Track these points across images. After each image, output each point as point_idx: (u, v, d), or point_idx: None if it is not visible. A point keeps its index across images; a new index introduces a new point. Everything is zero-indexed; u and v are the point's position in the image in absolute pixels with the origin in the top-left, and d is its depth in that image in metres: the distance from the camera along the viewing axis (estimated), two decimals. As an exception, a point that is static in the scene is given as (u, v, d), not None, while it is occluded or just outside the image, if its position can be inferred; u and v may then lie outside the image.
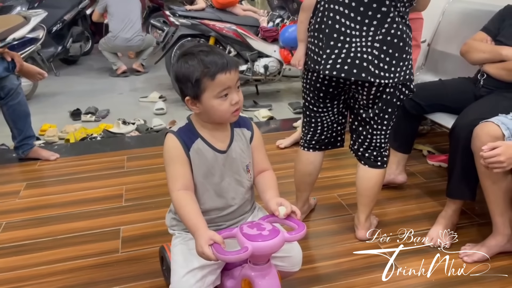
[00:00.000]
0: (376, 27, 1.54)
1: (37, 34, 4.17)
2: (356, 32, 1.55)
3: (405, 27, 1.57)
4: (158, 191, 2.36)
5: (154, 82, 5.05)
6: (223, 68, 1.18)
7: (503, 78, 1.93)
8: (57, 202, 2.31)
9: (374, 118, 1.70)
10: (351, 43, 1.56)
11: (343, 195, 2.30)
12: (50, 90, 4.68)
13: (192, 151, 1.27)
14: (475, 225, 1.98)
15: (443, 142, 2.86)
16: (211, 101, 1.21)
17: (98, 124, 3.68)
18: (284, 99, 4.39)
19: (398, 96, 1.66)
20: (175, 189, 1.25)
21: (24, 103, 2.68)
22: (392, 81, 1.59)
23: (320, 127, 1.84)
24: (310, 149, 1.90)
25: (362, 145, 1.78)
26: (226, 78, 1.19)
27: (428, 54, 2.87)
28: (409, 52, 1.61)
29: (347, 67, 1.57)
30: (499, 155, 1.42)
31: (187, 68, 1.20)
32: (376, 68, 1.56)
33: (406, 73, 1.62)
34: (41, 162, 2.78)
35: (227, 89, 1.21)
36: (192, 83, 1.19)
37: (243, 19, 4.18)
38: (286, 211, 1.22)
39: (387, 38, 1.55)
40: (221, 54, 1.22)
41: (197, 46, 1.26)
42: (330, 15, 1.58)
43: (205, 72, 1.18)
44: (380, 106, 1.66)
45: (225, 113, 1.24)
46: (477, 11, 2.54)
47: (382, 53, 1.56)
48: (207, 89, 1.20)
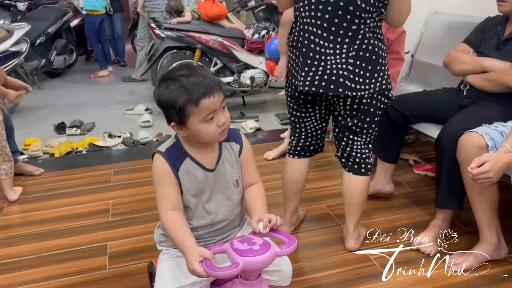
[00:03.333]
0: (348, 44, 1.59)
1: (20, 47, 4.13)
2: (330, 50, 1.60)
3: (376, 41, 1.61)
4: (145, 205, 2.33)
5: (140, 94, 5.04)
6: (206, 92, 1.15)
7: (485, 89, 1.96)
8: (41, 218, 2.26)
9: (353, 127, 1.75)
10: (326, 60, 1.61)
11: (331, 205, 2.30)
12: (34, 103, 4.62)
13: (181, 171, 1.26)
14: (463, 233, 2.00)
15: (428, 151, 2.90)
16: (197, 125, 1.19)
17: (83, 138, 3.63)
18: (271, 110, 4.40)
19: (376, 105, 1.71)
20: (163, 210, 1.24)
21: (7, 118, 2.64)
22: (368, 92, 1.64)
23: (304, 133, 1.89)
24: (296, 156, 1.93)
25: (344, 152, 1.83)
26: (211, 103, 1.16)
27: (412, 65, 2.92)
28: (383, 63, 1.66)
29: (324, 83, 1.63)
30: (487, 172, 1.43)
31: (168, 95, 1.16)
32: (351, 82, 1.61)
33: (382, 83, 1.67)
34: (25, 178, 2.73)
35: (212, 112, 1.18)
36: (176, 110, 1.17)
37: (229, 31, 4.20)
38: (264, 225, 1.20)
39: (360, 53, 1.59)
40: (203, 76, 1.17)
41: (177, 69, 1.21)
42: (306, 35, 1.63)
43: (188, 99, 1.15)
44: (359, 116, 1.71)
45: (212, 135, 1.22)
46: (459, 23, 2.60)
47: (356, 68, 1.61)
48: (191, 115, 1.17)
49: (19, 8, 5.76)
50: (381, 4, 1.56)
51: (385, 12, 1.60)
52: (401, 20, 1.64)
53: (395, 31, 2.37)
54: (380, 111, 1.74)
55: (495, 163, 1.42)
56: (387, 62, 1.70)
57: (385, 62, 1.67)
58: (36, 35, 5.12)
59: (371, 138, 1.80)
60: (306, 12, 1.60)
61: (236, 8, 4.73)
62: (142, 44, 5.50)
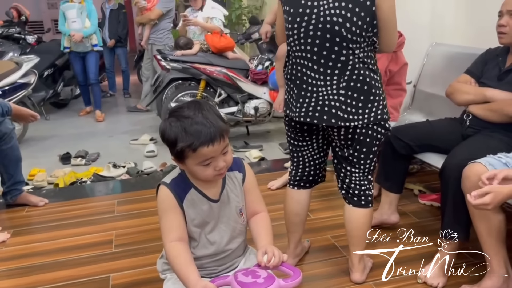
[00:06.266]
0: (338, 75, 1.60)
1: (29, 79, 4.22)
2: (321, 82, 1.63)
3: (367, 71, 1.62)
4: (148, 236, 2.32)
5: (145, 124, 5.08)
6: (205, 142, 1.15)
7: (488, 119, 1.97)
8: (44, 249, 2.25)
9: (349, 157, 1.74)
10: (318, 92, 1.63)
11: (336, 236, 2.28)
12: (40, 134, 4.67)
13: (186, 202, 1.27)
14: (470, 265, 1.96)
15: (433, 181, 2.88)
16: (193, 167, 1.21)
17: (88, 168, 3.65)
18: (275, 139, 4.42)
19: (372, 135, 1.70)
20: (168, 241, 1.25)
21: (16, 147, 2.66)
22: (362, 123, 1.64)
23: (302, 162, 1.89)
24: (295, 187, 1.93)
25: (343, 184, 1.82)
26: (209, 151, 1.16)
27: (415, 95, 2.94)
28: (377, 93, 1.65)
29: (317, 113, 1.65)
30: (487, 205, 1.42)
31: (170, 132, 1.18)
32: (344, 112, 1.62)
33: (376, 113, 1.66)
34: (29, 208, 2.73)
35: (210, 158, 1.19)
36: (175, 149, 1.19)
37: (233, 63, 4.27)
38: (268, 258, 1.20)
39: (351, 84, 1.61)
40: (208, 122, 1.16)
41: (187, 107, 1.21)
42: (298, 67, 1.67)
43: (186, 145, 1.15)
44: (354, 146, 1.71)
45: (208, 177, 1.23)
46: (460, 54, 2.64)
47: (348, 99, 1.62)
48: (189, 157, 1.19)
49: (29, 41, 5.91)
50: (370, 34, 1.56)
51: (377, 40, 1.61)
52: (391, 46, 1.66)
53: (397, 63, 2.40)
54: (377, 141, 1.73)
55: (496, 196, 1.41)
56: (383, 92, 1.70)
57: (379, 92, 1.66)
58: (44, 67, 5.23)
59: (370, 169, 1.78)
60: (296, 46, 1.64)
61: (241, 40, 4.83)
62: (147, 75, 5.60)
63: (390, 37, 1.61)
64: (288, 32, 1.64)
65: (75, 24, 4.94)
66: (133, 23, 7.19)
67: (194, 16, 4.54)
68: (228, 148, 1.23)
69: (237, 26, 6.68)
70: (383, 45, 1.64)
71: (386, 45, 1.65)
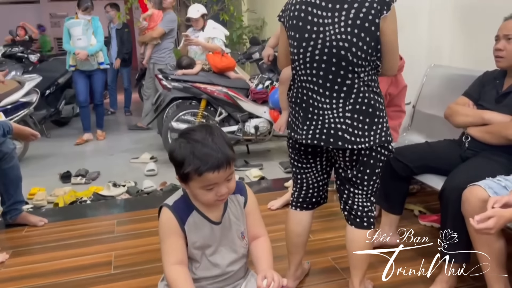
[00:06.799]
0: (344, 98, 1.63)
1: (31, 98, 4.25)
2: (327, 105, 1.65)
3: (372, 94, 1.64)
4: (148, 257, 2.31)
5: (145, 142, 5.09)
6: (212, 168, 1.17)
7: (486, 141, 1.99)
8: (43, 270, 2.24)
9: (353, 179, 1.75)
10: (324, 115, 1.65)
11: (336, 258, 2.27)
12: (41, 152, 4.68)
13: (188, 225, 1.28)
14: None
15: (433, 202, 2.88)
16: (196, 189, 1.23)
17: (88, 187, 3.65)
18: (275, 158, 4.43)
19: (376, 157, 1.71)
20: (168, 264, 1.26)
21: (17, 167, 2.67)
22: (367, 145, 1.66)
23: (305, 184, 1.89)
24: (298, 208, 1.93)
25: (346, 205, 1.82)
26: (214, 177, 1.19)
27: (414, 115, 2.96)
28: (381, 115, 1.68)
29: (324, 136, 1.66)
30: (490, 229, 1.42)
31: (178, 153, 1.20)
32: (350, 135, 1.64)
33: (381, 135, 1.68)
34: (28, 228, 2.72)
35: (214, 184, 1.21)
36: (180, 170, 1.21)
37: (234, 82, 4.30)
38: (267, 283, 1.21)
39: (356, 107, 1.63)
40: (217, 148, 1.19)
41: (198, 130, 1.23)
42: (304, 91, 1.69)
43: (193, 169, 1.17)
44: (358, 167, 1.72)
45: (209, 201, 1.25)
46: (458, 76, 2.67)
47: (354, 121, 1.64)
48: (193, 180, 1.21)
49: (31, 60, 5.97)
50: (374, 58, 1.60)
51: (380, 64, 1.64)
52: (394, 69, 1.70)
53: (397, 86, 2.44)
54: (381, 163, 1.74)
55: (499, 219, 1.41)
56: (386, 114, 1.72)
57: (383, 114, 1.69)
58: (46, 86, 5.27)
59: (373, 191, 1.79)
60: (302, 70, 1.66)
61: (241, 60, 4.88)
62: (148, 93, 5.64)
63: (392, 61, 1.65)
64: (294, 56, 1.67)
65: (80, 42, 4.79)
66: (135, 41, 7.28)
67: (195, 36, 4.59)
68: (233, 175, 1.25)
69: (238, 45, 6.75)
70: (386, 68, 1.67)
71: (389, 69, 1.68)
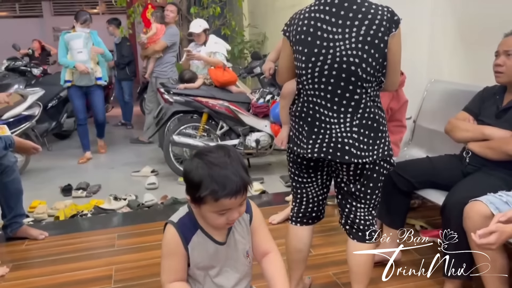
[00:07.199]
0: (351, 113, 1.64)
1: (33, 111, 4.27)
2: (334, 119, 1.66)
3: (376, 109, 1.68)
4: (148, 271, 2.30)
5: (146, 156, 5.10)
6: (230, 194, 1.13)
7: (487, 156, 1.99)
8: (43, 284, 2.23)
9: (356, 192, 1.75)
10: (331, 129, 1.66)
11: (337, 273, 2.25)
12: (42, 165, 4.69)
13: (192, 244, 1.26)
14: (474, 304, 1.94)
15: (435, 216, 2.87)
16: (208, 213, 1.20)
17: (89, 200, 3.64)
18: (276, 171, 4.43)
19: (379, 171, 1.72)
20: (167, 282, 1.25)
21: (18, 180, 2.67)
22: (372, 159, 1.67)
23: (305, 199, 1.89)
24: (298, 223, 1.92)
25: (348, 219, 1.81)
26: (230, 203, 1.15)
27: (415, 130, 2.97)
28: (384, 130, 1.71)
29: (331, 150, 1.66)
30: (492, 244, 1.42)
31: (195, 175, 1.15)
32: (356, 149, 1.65)
33: (384, 149, 1.70)
34: (28, 241, 2.72)
35: (228, 209, 1.18)
36: (195, 192, 1.16)
37: (235, 96, 4.33)
38: None
39: (363, 121, 1.65)
40: (235, 172, 1.15)
41: (216, 151, 1.19)
42: (310, 105, 1.69)
43: (210, 194, 1.13)
44: (362, 181, 1.72)
45: (219, 225, 1.23)
46: (458, 91, 2.68)
47: (360, 136, 1.65)
48: (207, 203, 1.17)
49: (34, 73, 6.01)
50: (380, 74, 1.63)
51: (384, 80, 1.67)
52: (395, 84, 1.74)
53: (399, 101, 2.45)
54: (383, 177, 1.75)
55: (501, 235, 1.40)
56: (387, 129, 1.75)
57: (385, 129, 1.72)
58: (48, 99, 5.29)
59: (374, 204, 1.79)
60: (310, 84, 1.67)
61: (243, 74, 4.91)
62: (150, 107, 5.66)
63: (395, 77, 1.69)
64: (301, 71, 1.67)
65: (81, 55, 4.58)
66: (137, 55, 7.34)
67: (197, 50, 4.63)
68: (246, 200, 1.22)
69: (240, 60, 6.80)
70: (388, 84, 1.70)
71: (390, 84, 1.71)
